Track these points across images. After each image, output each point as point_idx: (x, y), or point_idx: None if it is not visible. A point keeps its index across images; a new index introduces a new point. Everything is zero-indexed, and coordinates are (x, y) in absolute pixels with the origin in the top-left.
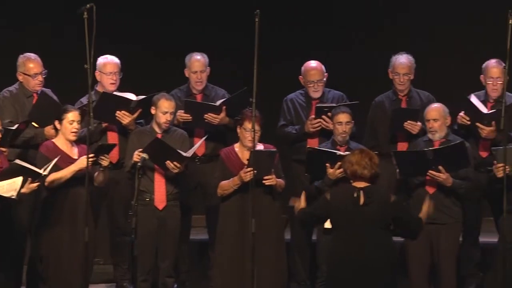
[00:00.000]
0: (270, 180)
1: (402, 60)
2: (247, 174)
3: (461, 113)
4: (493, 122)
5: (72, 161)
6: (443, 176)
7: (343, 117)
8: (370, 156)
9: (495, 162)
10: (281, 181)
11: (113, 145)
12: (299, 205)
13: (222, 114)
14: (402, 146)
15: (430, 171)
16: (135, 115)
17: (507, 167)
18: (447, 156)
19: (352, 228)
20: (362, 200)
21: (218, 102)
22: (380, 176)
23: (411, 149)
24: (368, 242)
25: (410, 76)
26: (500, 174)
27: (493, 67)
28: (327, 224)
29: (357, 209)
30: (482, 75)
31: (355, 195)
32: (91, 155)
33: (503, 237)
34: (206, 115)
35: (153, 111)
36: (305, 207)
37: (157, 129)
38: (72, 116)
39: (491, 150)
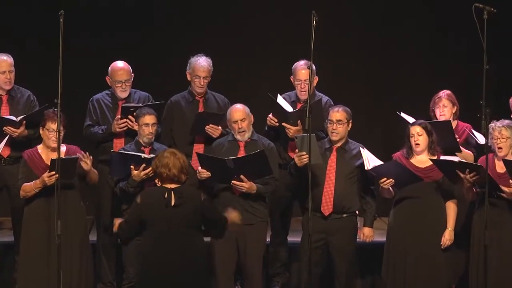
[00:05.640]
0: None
1: (203, 63)
2: (50, 178)
3: (270, 115)
4: (299, 121)
5: None
6: (246, 185)
7: (149, 119)
8: (183, 158)
9: (296, 150)
10: None
11: None
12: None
13: (21, 128)
14: (198, 148)
15: (233, 181)
16: None
17: (306, 156)
18: (249, 165)
19: (164, 229)
20: (173, 201)
21: (19, 118)
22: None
23: (214, 149)
24: (180, 242)
25: (209, 78)
26: (300, 163)
27: (301, 69)
28: None
29: (169, 210)
30: (292, 77)
31: (166, 196)
32: None
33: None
34: (4, 128)
35: None
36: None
37: None
38: None
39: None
